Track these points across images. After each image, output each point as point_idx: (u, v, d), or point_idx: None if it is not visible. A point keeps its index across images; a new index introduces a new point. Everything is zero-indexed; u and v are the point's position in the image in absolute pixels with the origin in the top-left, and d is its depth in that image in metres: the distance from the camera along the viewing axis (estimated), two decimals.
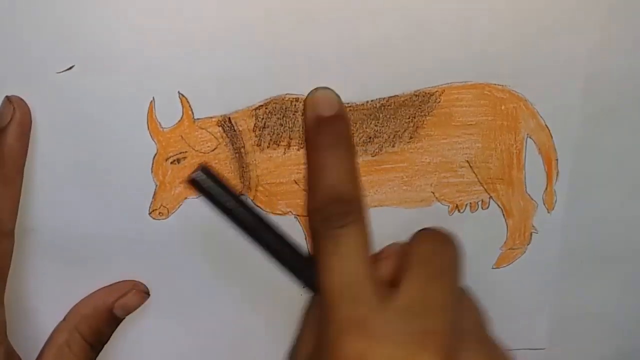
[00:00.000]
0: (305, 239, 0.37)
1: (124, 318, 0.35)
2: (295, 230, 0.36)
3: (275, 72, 0.34)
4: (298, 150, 0.35)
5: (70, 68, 0.33)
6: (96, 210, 0.35)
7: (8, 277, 0.33)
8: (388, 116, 0.36)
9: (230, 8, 0.32)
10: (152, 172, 0.35)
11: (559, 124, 0.36)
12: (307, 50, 0.34)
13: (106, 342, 0.35)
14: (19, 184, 0.32)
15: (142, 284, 0.36)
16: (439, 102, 0.36)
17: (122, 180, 0.35)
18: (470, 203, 0.37)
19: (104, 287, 0.35)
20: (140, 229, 0.35)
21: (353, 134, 0.35)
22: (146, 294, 0.36)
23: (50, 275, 0.35)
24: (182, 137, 0.35)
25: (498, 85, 0.36)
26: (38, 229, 0.34)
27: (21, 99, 0.32)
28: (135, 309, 0.35)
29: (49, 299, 0.36)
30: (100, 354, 0.35)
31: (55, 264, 0.35)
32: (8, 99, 0.32)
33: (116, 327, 0.35)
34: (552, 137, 0.37)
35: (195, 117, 0.34)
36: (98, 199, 0.35)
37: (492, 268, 0.39)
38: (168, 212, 0.35)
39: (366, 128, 0.36)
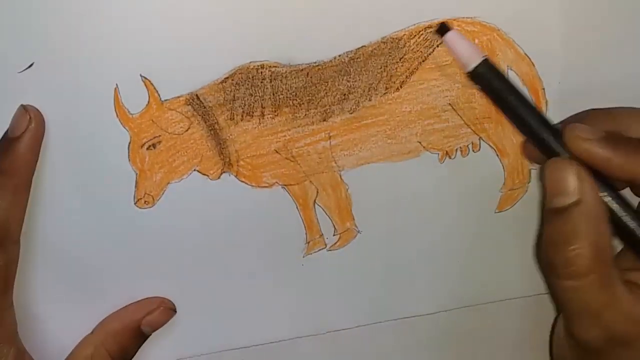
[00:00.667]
0: (297, 207, 0.35)
1: (150, 335, 0.35)
2: (285, 201, 0.35)
3: (235, 41, 0.33)
4: (273, 118, 0.35)
5: (30, 66, 0.32)
6: (81, 208, 0.34)
7: None
8: (359, 69, 0.34)
9: None
10: (129, 160, 0.34)
11: (540, 51, 0.35)
12: (264, 15, 0.33)
13: (131, 358, 0.35)
14: (28, 193, 0.33)
15: (169, 300, 0.35)
16: (409, 45, 0.34)
17: (102, 174, 0.34)
18: (461, 147, 0.36)
19: (132, 304, 0.35)
20: (129, 220, 0.34)
21: (326, 93, 0.34)
22: (173, 310, 0.35)
23: (48, 280, 0.35)
24: (152, 121, 0.34)
25: (467, 18, 0.34)
26: (30, 233, 0.34)
27: (37, 109, 0.32)
28: (162, 325, 0.35)
29: (50, 302, 0.35)
30: None
31: (51, 269, 0.35)
32: (24, 108, 0.32)
33: (142, 343, 0.35)
34: (534, 65, 0.35)
35: (163, 99, 0.34)
36: (81, 196, 0.34)
37: (495, 212, 0.37)
38: (153, 199, 0.35)
39: (339, 85, 0.34)
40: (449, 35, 0.32)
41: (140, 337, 0.35)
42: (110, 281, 0.35)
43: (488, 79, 0.31)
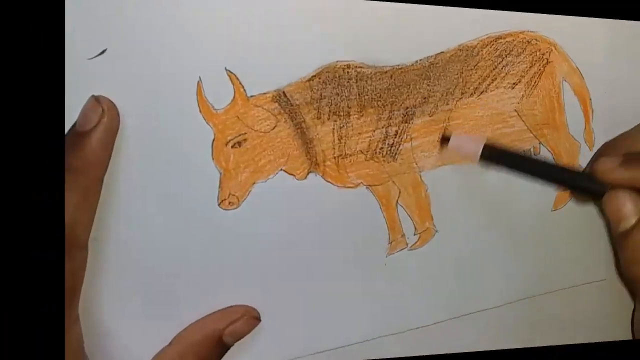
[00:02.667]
0: (380, 208, 0.35)
1: (232, 345, 0.32)
2: (369, 202, 0.35)
3: (322, 40, 0.33)
4: (358, 119, 0.34)
5: (103, 52, 0.30)
6: (161, 209, 0.31)
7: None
8: (438, 74, 0.36)
9: None
10: (213, 159, 0.32)
11: (588, 64, 0.38)
12: (351, 16, 0.33)
13: None
14: (98, 194, 0.29)
15: (253, 309, 0.33)
16: (482, 54, 0.36)
17: (184, 173, 0.31)
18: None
19: (214, 313, 0.32)
20: (212, 223, 0.32)
21: (408, 96, 0.35)
22: (257, 319, 0.33)
23: (120, 290, 0.31)
24: (238, 117, 0.32)
25: (530, 32, 0.37)
26: (101, 239, 0.30)
27: (111, 101, 0.29)
28: (245, 335, 0.32)
29: (123, 313, 0.31)
30: None
31: (125, 278, 0.31)
32: (96, 99, 0.29)
33: (224, 354, 0.32)
34: (583, 77, 0.38)
35: (248, 95, 0.32)
36: (160, 198, 0.31)
37: (551, 211, 0.39)
38: (238, 200, 0.32)
39: (419, 88, 0.35)
40: (452, 141, 0.35)
41: (222, 347, 0.32)
42: (190, 289, 0.32)
43: (497, 158, 0.35)
